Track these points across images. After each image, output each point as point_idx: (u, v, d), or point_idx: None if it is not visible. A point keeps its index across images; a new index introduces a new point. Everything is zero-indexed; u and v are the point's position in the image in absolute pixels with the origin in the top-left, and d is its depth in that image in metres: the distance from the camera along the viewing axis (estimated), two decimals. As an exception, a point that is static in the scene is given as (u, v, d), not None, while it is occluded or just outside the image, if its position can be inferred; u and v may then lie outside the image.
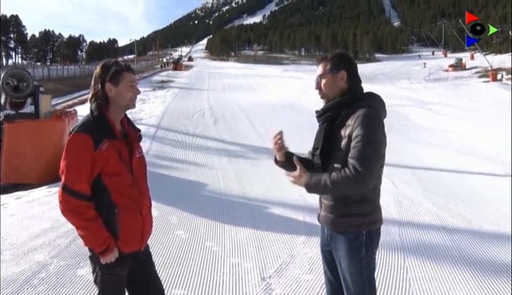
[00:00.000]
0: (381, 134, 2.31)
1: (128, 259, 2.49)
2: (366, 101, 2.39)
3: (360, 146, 2.22)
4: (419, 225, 5.72)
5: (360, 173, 2.19)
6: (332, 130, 2.42)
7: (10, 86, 9.19)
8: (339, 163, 2.33)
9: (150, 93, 30.06)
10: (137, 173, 2.49)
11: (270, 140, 2.61)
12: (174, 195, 7.30)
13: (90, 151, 2.28)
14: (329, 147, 2.41)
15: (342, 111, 2.38)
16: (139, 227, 2.49)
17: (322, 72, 2.48)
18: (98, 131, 2.32)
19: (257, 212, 6.37)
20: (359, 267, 2.39)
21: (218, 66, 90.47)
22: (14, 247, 4.91)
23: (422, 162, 10.00)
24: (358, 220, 2.37)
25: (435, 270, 4.27)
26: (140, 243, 2.53)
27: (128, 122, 2.57)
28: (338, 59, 2.48)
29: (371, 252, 2.41)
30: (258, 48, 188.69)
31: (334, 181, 2.24)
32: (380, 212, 2.48)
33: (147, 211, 2.57)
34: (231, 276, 4.17)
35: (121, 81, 2.41)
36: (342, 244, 2.43)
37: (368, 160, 2.21)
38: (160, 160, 10.46)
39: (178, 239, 5.22)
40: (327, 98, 2.49)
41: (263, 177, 8.79)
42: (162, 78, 48.88)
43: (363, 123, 2.25)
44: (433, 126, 15.79)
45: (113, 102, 2.42)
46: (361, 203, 2.36)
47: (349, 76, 2.45)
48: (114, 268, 2.43)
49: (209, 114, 20.89)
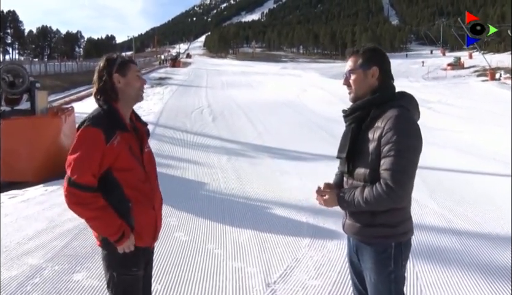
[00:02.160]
0: (415, 140, 2.11)
1: (142, 256, 2.40)
2: (397, 101, 2.19)
3: (393, 157, 2.04)
4: (426, 227, 5.54)
5: (393, 190, 2.03)
6: (360, 132, 2.23)
7: (6, 82, 8.99)
8: (366, 167, 2.16)
9: (148, 90, 29.85)
10: (148, 167, 2.42)
11: (317, 193, 2.34)
12: (172, 195, 7.10)
13: (101, 145, 2.20)
14: (356, 151, 2.22)
15: (371, 111, 2.19)
16: (152, 222, 2.43)
17: (352, 67, 2.27)
18: (110, 124, 2.24)
19: (259, 213, 6.19)
20: (387, 282, 2.20)
21: (217, 63, 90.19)
22: (7, 250, 4.70)
23: (422, 161, 9.77)
24: (387, 231, 2.18)
25: (446, 275, 4.10)
26: (153, 238, 2.48)
27: (135, 116, 2.50)
28: (371, 54, 2.27)
29: (401, 265, 2.23)
30: (256, 45, 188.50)
31: (367, 200, 2.09)
32: (411, 221, 2.29)
33: (159, 206, 2.53)
34: (235, 282, 3.98)
35: (129, 71, 2.35)
36: (369, 256, 2.24)
37: (401, 175, 2.04)
38: (158, 159, 10.08)
39: (178, 242, 5.04)
40: (355, 96, 2.28)
41: (263, 176, 8.64)
42: (160, 75, 48.67)
43: (394, 127, 2.06)
44: (432, 125, 15.62)
45: (122, 94, 2.34)
46: (390, 213, 2.16)
47: (381, 73, 2.24)
48: (130, 268, 2.34)
49: (208, 111, 20.74)
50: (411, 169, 2.08)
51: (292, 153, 11.17)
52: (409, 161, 2.07)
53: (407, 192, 2.09)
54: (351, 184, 2.25)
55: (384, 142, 2.07)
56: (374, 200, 2.07)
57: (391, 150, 2.05)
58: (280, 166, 9.67)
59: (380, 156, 2.10)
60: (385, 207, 2.11)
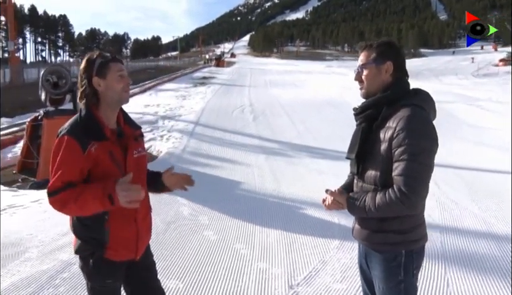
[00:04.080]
0: (429, 142, 1.97)
1: (120, 269, 2.31)
2: (411, 99, 2.05)
3: (406, 162, 1.92)
4: (463, 230, 5.31)
5: (406, 196, 1.91)
6: (370, 131, 2.11)
7: (50, 83, 9.27)
8: (376, 170, 2.05)
9: (191, 89, 30.18)
10: (134, 174, 2.19)
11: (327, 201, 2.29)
12: (206, 193, 7.14)
13: (78, 154, 2.09)
14: (366, 151, 2.11)
15: (383, 110, 2.07)
16: (131, 236, 2.29)
17: (365, 62, 2.16)
18: (85, 133, 2.12)
19: (291, 214, 6.11)
20: (397, 292, 2.09)
21: (261, 62, 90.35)
22: (42, 245, 4.88)
23: (466, 161, 9.43)
24: (397, 237, 2.07)
25: (481, 284, 3.90)
26: (134, 252, 2.32)
27: (125, 119, 2.36)
28: (385, 48, 2.15)
29: (411, 274, 2.09)
30: (300, 44, 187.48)
31: (380, 207, 1.98)
32: (424, 227, 2.16)
33: (143, 216, 2.37)
34: (257, 283, 3.94)
35: (109, 72, 2.19)
36: (378, 264, 2.14)
37: (415, 181, 1.92)
38: (196, 157, 10.37)
39: (207, 241, 5.05)
40: (367, 92, 2.17)
41: (300, 176, 8.53)
42: (204, 74, 49.17)
43: (407, 128, 1.94)
44: (481, 124, 15.01)
45: (103, 98, 2.21)
46: (401, 219, 2.05)
47: (395, 69, 2.12)
48: (104, 281, 2.27)
49: (249, 110, 20.73)
50: (425, 173, 1.96)
51: (331, 153, 10.97)
52: (423, 165, 1.94)
53: (422, 197, 1.96)
54: (361, 187, 2.16)
55: (396, 144, 1.96)
56: (387, 206, 1.96)
57: (404, 153, 1.93)
58: (318, 165, 9.53)
59: (391, 158, 1.99)
60: (398, 213, 2.01)
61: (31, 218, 5.91)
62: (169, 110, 18.74)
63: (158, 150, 11.09)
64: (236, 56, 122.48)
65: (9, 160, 10.26)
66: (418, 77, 41.52)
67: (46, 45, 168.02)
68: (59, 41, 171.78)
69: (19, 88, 25.98)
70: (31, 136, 9.13)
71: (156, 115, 16.83)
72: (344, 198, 2.15)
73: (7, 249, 4.79)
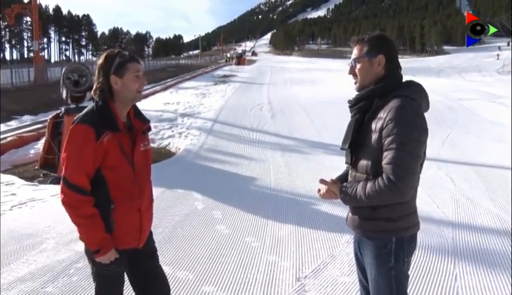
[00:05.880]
0: (418, 132, 2.01)
1: (123, 255, 2.41)
2: (402, 90, 2.10)
3: (394, 150, 1.97)
4: (477, 227, 5.28)
5: (394, 184, 1.96)
6: (363, 123, 2.16)
7: (71, 81, 9.48)
8: (368, 159, 2.10)
9: (211, 87, 30.34)
10: (139, 166, 2.38)
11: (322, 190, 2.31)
12: (221, 189, 7.24)
13: (92, 142, 2.20)
14: (359, 142, 2.17)
15: (374, 101, 2.13)
16: (135, 224, 2.41)
17: (358, 56, 2.21)
18: (101, 123, 2.24)
19: (304, 209, 6.15)
20: (387, 278, 2.13)
21: (281, 61, 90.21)
22: (58, 237, 5.05)
23: (486, 159, 9.29)
24: (387, 225, 2.11)
25: (489, 279, 3.88)
26: (137, 240, 2.45)
27: (135, 113, 2.47)
28: (376, 42, 2.19)
29: (402, 261, 2.14)
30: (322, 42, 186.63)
31: (370, 195, 2.03)
32: (416, 216, 2.20)
33: (147, 207, 2.48)
34: (265, 275, 4.01)
35: (126, 72, 2.30)
36: (369, 251, 2.19)
37: (402, 169, 1.96)
38: (213, 154, 10.46)
39: (219, 235, 5.13)
40: (361, 85, 2.23)
41: (316, 172, 8.53)
42: (224, 72, 49.32)
43: (396, 118, 1.98)
44: (503, 121, 14.75)
45: (118, 95, 2.33)
46: (391, 207, 2.09)
47: (387, 61, 2.16)
48: (109, 265, 2.37)
49: (268, 108, 20.75)
50: (412, 163, 1.99)
51: (348, 150, 10.95)
52: (411, 154, 1.98)
53: (409, 186, 2.01)
54: (354, 176, 2.21)
55: (386, 134, 2.01)
56: (377, 194, 2.01)
57: (392, 143, 1.98)
58: (334, 162, 9.50)
59: (381, 148, 2.03)
60: (387, 202, 2.05)
61: (50, 211, 6.10)
62: (188, 108, 18.91)
63: (177, 147, 11.24)
64: (257, 55, 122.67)
65: (32, 156, 10.54)
66: (439, 75, 41.02)
67: (70, 44, 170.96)
68: (83, 40, 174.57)
69: (43, 86, 26.52)
70: (52, 132, 9.37)
71: (175, 113, 17.01)
72: (337, 187, 2.20)
73: (26, 240, 4.97)
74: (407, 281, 2.23)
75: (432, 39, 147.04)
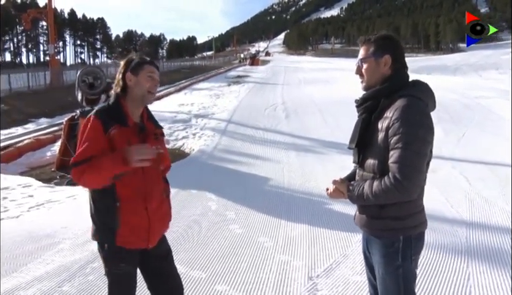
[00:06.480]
0: (423, 131, 2.02)
1: (133, 254, 2.44)
2: (408, 90, 2.12)
3: (400, 149, 1.99)
4: (491, 227, 5.23)
5: (400, 183, 1.98)
6: (370, 122, 2.19)
7: (86, 84, 9.60)
8: (375, 159, 2.13)
9: (225, 88, 30.45)
10: (147, 167, 2.35)
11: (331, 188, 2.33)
12: (235, 189, 7.28)
13: (101, 134, 2.29)
14: (366, 141, 2.19)
15: (381, 101, 2.15)
16: (142, 224, 2.40)
17: (364, 56, 2.23)
18: (109, 117, 2.33)
19: (317, 208, 6.16)
20: (395, 277, 2.15)
21: (295, 61, 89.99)
22: (74, 237, 5.13)
23: (502, 158, 9.19)
24: (394, 223, 2.13)
25: (501, 279, 3.85)
26: (146, 241, 2.44)
27: (148, 117, 2.55)
28: (383, 42, 2.22)
29: (409, 260, 2.15)
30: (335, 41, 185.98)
31: (376, 194, 2.05)
32: (423, 215, 2.21)
33: (156, 207, 2.47)
34: (278, 274, 4.03)
35: (141, 71, 2.41)
36: (377, 250, 2.21)
37: (409, 168, 1.98)
38: (227, 154, 10.51)
39: (232, 234, 5.17)
40: (367, 85, 2.25)
41: (329, 172, 8.50)
42: (238, 73, 49.38)
43: (401, 117, 2.00)
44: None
45: (130, 92, 2.42)
46: (398, 205, 2.10)
47: (393, 61, 2.18)
48: (118, 264, 2.41)
49: (282, 108, 20.73)
50: (418, 161, 2.01)
51: (362, 150, 10.90)
52: (417, 153, 2.00)
53: (416, 184, 2.02)
54: (361, 176, 2.23)
55: (392, 133, 2.03)
56: (383, 193, 2.03)
57: (398, 142, 1.99)
58: (347, 162, 9.29)
59: (388, 147, 2.05)
60: (394, 200, 2.07)
61: (66, 212, 6.21)
62: (202, 108, 19.01)
63: (190, 148, 11.31)
64: (271, 55, 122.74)
65: (48, 158, 10.70)
66: (456, 73, 40.53)
67: (85, 47, 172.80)
68: (98, 43, 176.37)
69: (59, 89, 26.86)
70: (68, 134, 9.47)
71: (189, 114, 17.11)
72: (345, 186, 2.23)
73: (43, 241, 5.07)
74: (415, 280, 2.24)
75: (447, 36, 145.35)
